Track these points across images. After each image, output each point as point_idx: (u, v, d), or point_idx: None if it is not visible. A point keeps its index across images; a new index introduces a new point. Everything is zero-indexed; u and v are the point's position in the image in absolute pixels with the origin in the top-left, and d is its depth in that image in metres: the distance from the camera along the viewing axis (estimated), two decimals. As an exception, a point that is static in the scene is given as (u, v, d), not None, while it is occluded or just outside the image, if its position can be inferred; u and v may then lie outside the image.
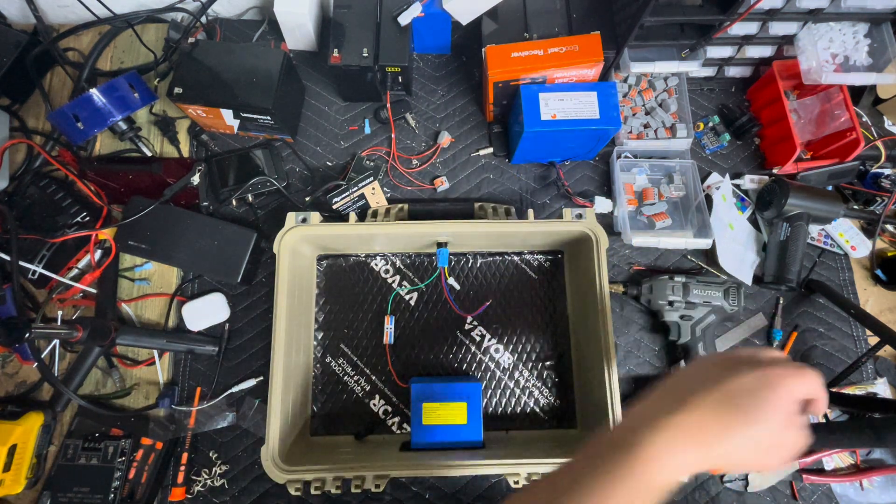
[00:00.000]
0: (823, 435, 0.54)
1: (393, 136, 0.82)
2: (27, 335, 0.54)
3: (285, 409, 0.64)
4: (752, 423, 0.34)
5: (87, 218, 0.76)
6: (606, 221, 0.80)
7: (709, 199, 0.78)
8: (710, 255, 0.78)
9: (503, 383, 0.73)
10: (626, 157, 0.81)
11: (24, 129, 0.83)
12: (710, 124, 0.85)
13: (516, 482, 0.62)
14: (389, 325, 0.74)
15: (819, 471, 0.71)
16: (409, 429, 0.70)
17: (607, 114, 0.69)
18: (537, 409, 0.72)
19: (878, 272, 0.79)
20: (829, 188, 0.81)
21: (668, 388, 0.39)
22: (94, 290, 0.74)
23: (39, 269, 0.71)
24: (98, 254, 0.74)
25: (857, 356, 0.75)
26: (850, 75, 0.73)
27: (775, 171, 0.81)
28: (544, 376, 0.73)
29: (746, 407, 0.35)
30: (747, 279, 0.76)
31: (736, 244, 0.78)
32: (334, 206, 0.77)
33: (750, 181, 0.81)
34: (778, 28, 0.73)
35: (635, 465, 0.34)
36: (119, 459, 0.67)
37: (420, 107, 0.86)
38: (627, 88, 0.83)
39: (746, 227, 0.80)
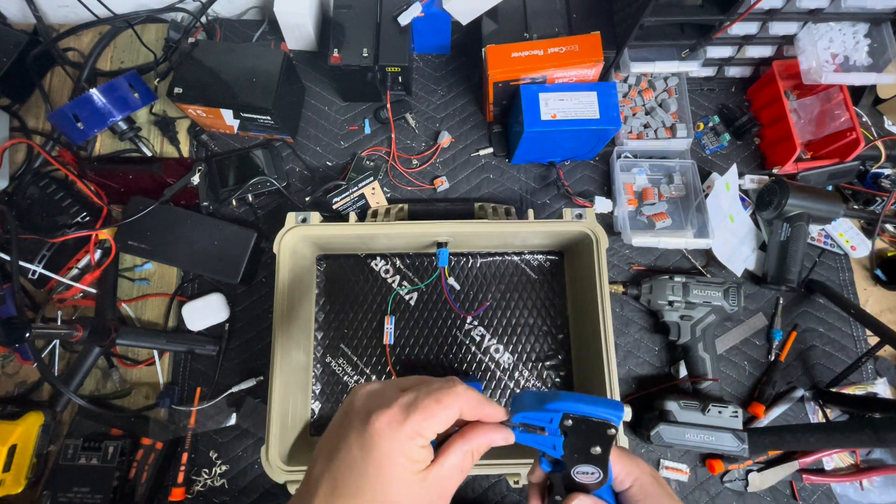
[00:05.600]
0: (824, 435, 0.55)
1: (393, 136, 0.82)
2: (27, 335, 0.54)
3: (285, 409, 0.63)
4: None
5: (87, 218, 0.76)
6: (606, 221, 0.80)
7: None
8: (710, 255, 0.78)
9: (503, 383, 0.73)
10: (626, 157, 0.81)
11: (24, 129, 0.83)
12: (710, 124, 0.85)
13: (516, 482, 0.62)
14: (389, 325, 0.74)
15: (819, 471, 0.71)
16: (409, 429, 0.69)
17: (607, 114, 0.69)
18: (537, 409, 0.72)
19: (878, 272, 0.80)
20: (829, 188, 0.81)
21: (312, 474, 0.34)
22: (94, 290, 0.74)
23: (39, 269, 0.71)
24: (98, 254, 0.74)
25: (857, 356, 0.75)
26: (850, 75, 0.73)
27: (775, 171, 0.81)
28: (544, 376, 0.73)
29: (355, 490, 0.29)
30: (737, 272, 0.77)
31: (734, 237, 0.78)
32: (334, 206, 0.77)
33: (750, 181, 0.81)
34: (778, 28, 0.74)
35: None
36: (119, 459, 0.66)
37: (420, 107, 0.86)
38: (627, 88, 0.83)
39: (748, 222, 0.80)
